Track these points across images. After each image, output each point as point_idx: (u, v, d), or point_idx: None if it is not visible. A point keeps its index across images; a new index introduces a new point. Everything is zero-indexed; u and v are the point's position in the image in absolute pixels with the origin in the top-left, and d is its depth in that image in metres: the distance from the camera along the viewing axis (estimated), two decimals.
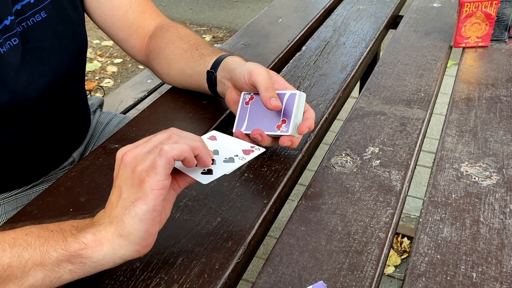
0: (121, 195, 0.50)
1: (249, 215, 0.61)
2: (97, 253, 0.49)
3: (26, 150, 0.82)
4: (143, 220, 0.49)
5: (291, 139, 0.67)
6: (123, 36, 0.90)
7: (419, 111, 0.81)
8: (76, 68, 0.85)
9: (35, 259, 0.48)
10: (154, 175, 0.49)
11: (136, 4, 0.89)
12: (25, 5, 0.73)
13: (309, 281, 0.52)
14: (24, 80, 0.72)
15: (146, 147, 0.51)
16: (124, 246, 0.50)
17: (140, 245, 0.50)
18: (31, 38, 0.74)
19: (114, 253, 0.50)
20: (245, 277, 0.67)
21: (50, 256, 0.48)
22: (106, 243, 0.49)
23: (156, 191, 0.49)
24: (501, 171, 0.67)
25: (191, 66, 0.83)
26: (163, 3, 4.06)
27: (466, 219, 0.60)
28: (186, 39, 0.86)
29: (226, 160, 0.58)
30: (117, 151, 0.53)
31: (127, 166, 0.50)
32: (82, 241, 0.49)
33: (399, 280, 1.55)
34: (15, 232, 0.51)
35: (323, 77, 0.93)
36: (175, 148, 0.49)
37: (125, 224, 0.49)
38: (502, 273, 0.52)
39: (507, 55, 0.98)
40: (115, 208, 0.50)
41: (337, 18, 1.19)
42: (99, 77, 2.99)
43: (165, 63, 0.87)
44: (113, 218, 0.50)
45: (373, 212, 0.61)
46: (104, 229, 0.50)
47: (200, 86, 0.82)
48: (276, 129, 0.67)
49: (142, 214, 0.49)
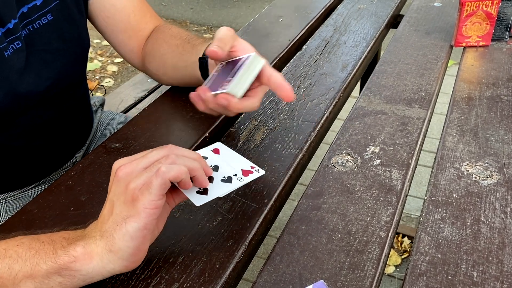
0: (113, 210, 0.50)
1: (250, 215, 0.61)
2: (86, 266, 0.49)
3: (30, 152, 0.82)
4: (134, 238, 0.49)
5: (227, 97, 0.61)
6: (123, 38, 0.90)
7: (419, 111, 0.81)
8: (79, 71, 0.85)
9: (25, 271, 0.48)
10: (148, 195, 0.48)
11: (138, 8, 0.89)
12: (32, 8, 0.73)
13: (310, 280, 0.52)
14: (28, 83, 0.72)
15: (141, 163, 0.51)
16: (113, 261, 0.49)
17: (129, 260, 0.50)
18: (37, 41, 0.74)
19: (103, 267, 0.49)
20: (245, 277, 0.67)
21: (40, 269, 0.48)
22: (96, 257, 0.49)
23: (149, 210, 0.48)
24: (502, 171, 0.67)
25: (184, 58, 0.82)
26: (164, 2, 4.06)
27: (467, 218, 0.60)
28: (179, 35, 0.86)
29: (224, 179, 0.57)
30: (114, 162, 0.53)
31: (120, 181, 0.50)
32: (72, 254, 0.48)
33: (400, 279, 1.55)
34: (6, 243, 0.50)
35: (323, 76, 0.93)
36: (172, 170, 0.49)
37: (115, 240, 0.49)
38: (503, 273, 0.52)
39: (508, 54, 0.98)
40: (106, 223, 0.50)
41: (337, 18, 1.19)
42: (100, 77, 2.99)
43: (160, 62, 0.87)
44: (103, 232, 0.50)
45: (373, 212, 0.61)
46: (94, 242, 0.49)
47: (194, 77, 0.81)
48: (219, 88, 0.63)
49: (133, 232, 0.48)
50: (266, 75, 0.63)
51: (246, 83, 0.62)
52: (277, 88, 0.63)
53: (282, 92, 0.63)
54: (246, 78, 0.62)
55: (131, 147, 0.75)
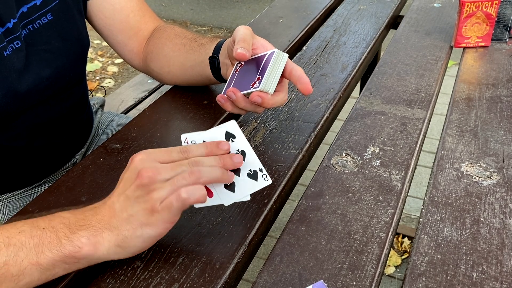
0: (128, 209, 0.51)
1: (250, 215, 0.61)
2: (91, 255, 0.51)
3: (30, 153, 0.82)
4: (146, 241, 0.52)
5: (261, 95, 0.63)
6: (122, 39, 0.90)
7: (419, 111, 0.81)
8: (79, 70, 0.85)
9: (31, 259, 0.49)
10: (167, 213, 0.50)
11: (137, 8, 0.89)
12: (31, 8, 0.73)
13: (310, 280, 0.53)
14: (27, 83, 0.72)
15: (167, 174, 0.51)
16: (119, 253, 0.52)
17: (134, 253, 0.53)
18: (37, 41, 0.74)
19: (108, 256, 0.52)
20: (245, 277, 0.67)
21: (45, 256, 0.49)
22: (101, 248, 0.51)
23: (167, 224, 0.51)
24: (502, 171, 0.67)
25: (192, 58, 0.82)
26: (164, 3, 4.06)
27: (466, 218, 0.60)
28: (183, 35, 0.86)
29: (250, 174, 0.56)
30: (135, 154, 0.53)
31: (144, 186, 0.50)
32: (77, 245, 0.50)
33: (400, 280, 1.55)
34: (7, 231, 0.51)
35: (323, 77, 0.93)
36: (193, 196, 0.50)
37: (126, 239, 0.51)
38: (502, 273, 0.53)
39: (508, 55, 0.98)
40: (117, 218, 0.51)
41: (337, 18, 1.19)
42: (100, 77, 3.00)
43: (164, 61, 0.87)
44: (113, 227, 0.51)
45: (373, 212, 0.61)
46: (100, 234, 0.51)
47: (203, 76, 0.82)
48: (250, 87, 0.65)
49: (147, 238, 0.51)
50: (288, 69, 0.66)
51: (276, 79, 0.65)
52: (298, 81, 0.66)
53: (302, 85, 0.65)
54: (274, 74, 0.65)
55: (131, 148, 0.75)
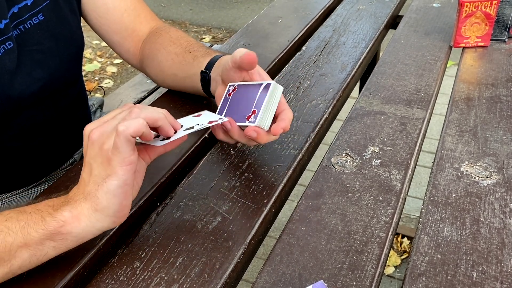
0: (91, 172, 0.52)
1: (249, 215, 0.61)
2: (76, 228, 0.51)
3: (27, 153, 0.81)
4: (116, 195, 0.51)
5: (256, 130, 0.62)
6: (117, 39, 0.89)
7: (419, 111, 0.81)
8: (73, 70, 0.84)
9: (19, 241, 0.50)
10: (118, 154, 0.51)
11: (131, 7, 0.88)
12: (22, 8, 0.72)
13: (310, 280, 0.53)
14: (20, 84, 0.72)
15: (111, 124, 0.53)
16: (101, 219, 0.52)
17: (115, 216, 0.53)
18: (28, 41, 0.73)
19: (92, 226, 0.52)
20: (245, 277, 0.67)
21: (32, 237, 0.50)
22: (83, 218, 0.51)
23: (124, 167, 0.51)
24: (501, 171, 0.67)
25: (185, 69, 0.81)
26: (163, 3, 4.06)
27: (466, 218, 0.60)
28: (178, 42, 0.84)
29: (186, 129, 0.59)
30: (85, 127, 0.55)
31: (94, 143, 0.53)
32: (60, 219, 0.51)
33: (399, 280, 1.55)
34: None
35: (323, 77, 0.93)
36: (130, 126, 0.50)
37: (99, 200, 0.51)
38: (503, 273, 0.52)
39: (507, 55, 0.98)
40: (87, 185, 0.52)
41: (337, 18, 1.19)
42: (99, 78, 3.00)
43: (158, 69, 0.86)
44: (87, 194, 0.52)
45: (373, 212, 0.61)
46: (79, 205, 0.52)
47: (194, 88, 0.81)
48: (246, 119, 0.64)
49: (114, 189, 0.51)
50: (280, 108, 0.64)
51: (271, 114, 0.63)
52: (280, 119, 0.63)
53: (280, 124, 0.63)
54: (270, 109, 0.63)
55: None
